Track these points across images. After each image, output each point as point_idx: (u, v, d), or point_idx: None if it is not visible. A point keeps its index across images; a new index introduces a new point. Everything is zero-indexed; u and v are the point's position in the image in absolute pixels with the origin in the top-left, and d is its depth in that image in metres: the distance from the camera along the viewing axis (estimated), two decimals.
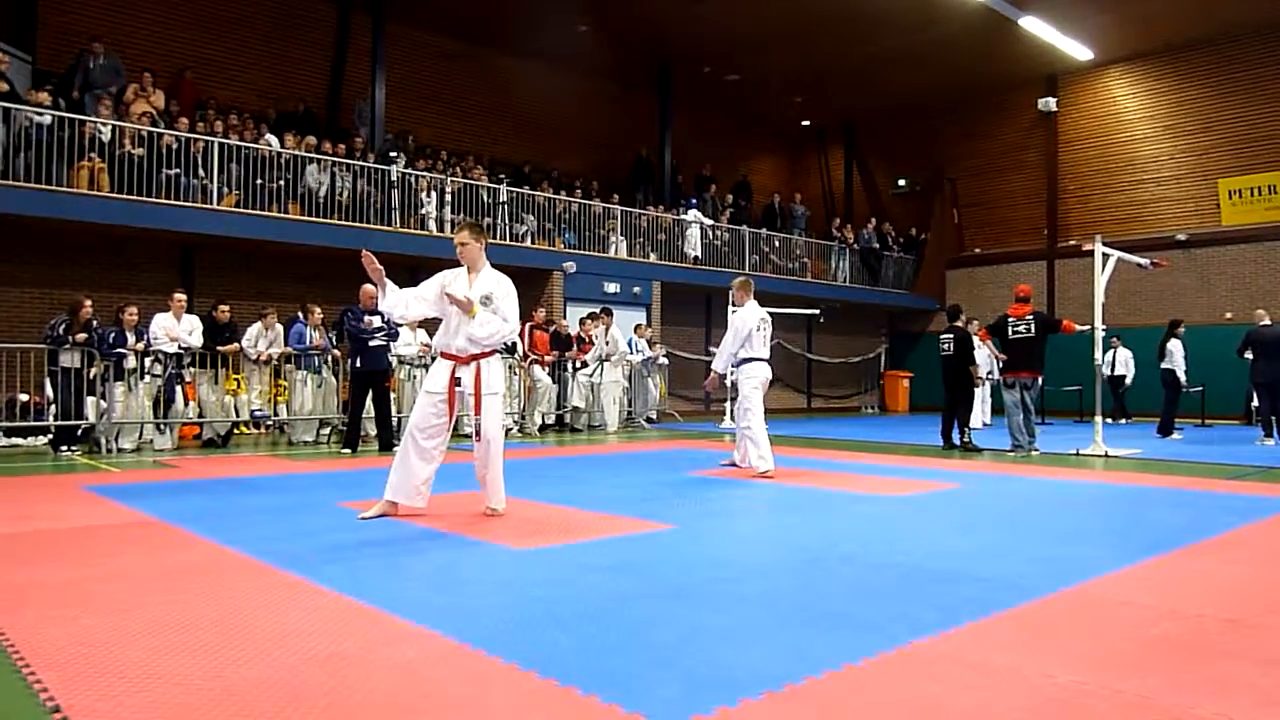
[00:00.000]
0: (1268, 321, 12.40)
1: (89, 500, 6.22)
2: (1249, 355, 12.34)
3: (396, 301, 5.43)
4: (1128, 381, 16.67)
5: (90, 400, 9.88)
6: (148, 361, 10.15)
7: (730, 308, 8.55)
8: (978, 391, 13.52)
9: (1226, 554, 4.59)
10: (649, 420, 15.47)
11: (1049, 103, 20.68)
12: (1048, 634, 3.10)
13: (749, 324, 8.24)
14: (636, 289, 16.89)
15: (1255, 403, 13.38)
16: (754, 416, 8.14)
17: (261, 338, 11.10)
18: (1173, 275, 17.79)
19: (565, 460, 9.74)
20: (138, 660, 2.69)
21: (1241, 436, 13.29)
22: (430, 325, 6.07)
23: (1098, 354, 10.73)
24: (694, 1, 16.41)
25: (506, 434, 8.37)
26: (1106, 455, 9.96)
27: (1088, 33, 18.06)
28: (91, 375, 9.81)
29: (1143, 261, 11.69)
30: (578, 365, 13.96)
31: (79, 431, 10.05)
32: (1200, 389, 15.46)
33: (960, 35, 17.99)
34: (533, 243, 15.76)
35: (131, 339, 10.05)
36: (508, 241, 15.01)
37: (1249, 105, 18.25)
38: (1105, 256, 10.68)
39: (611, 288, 16.43)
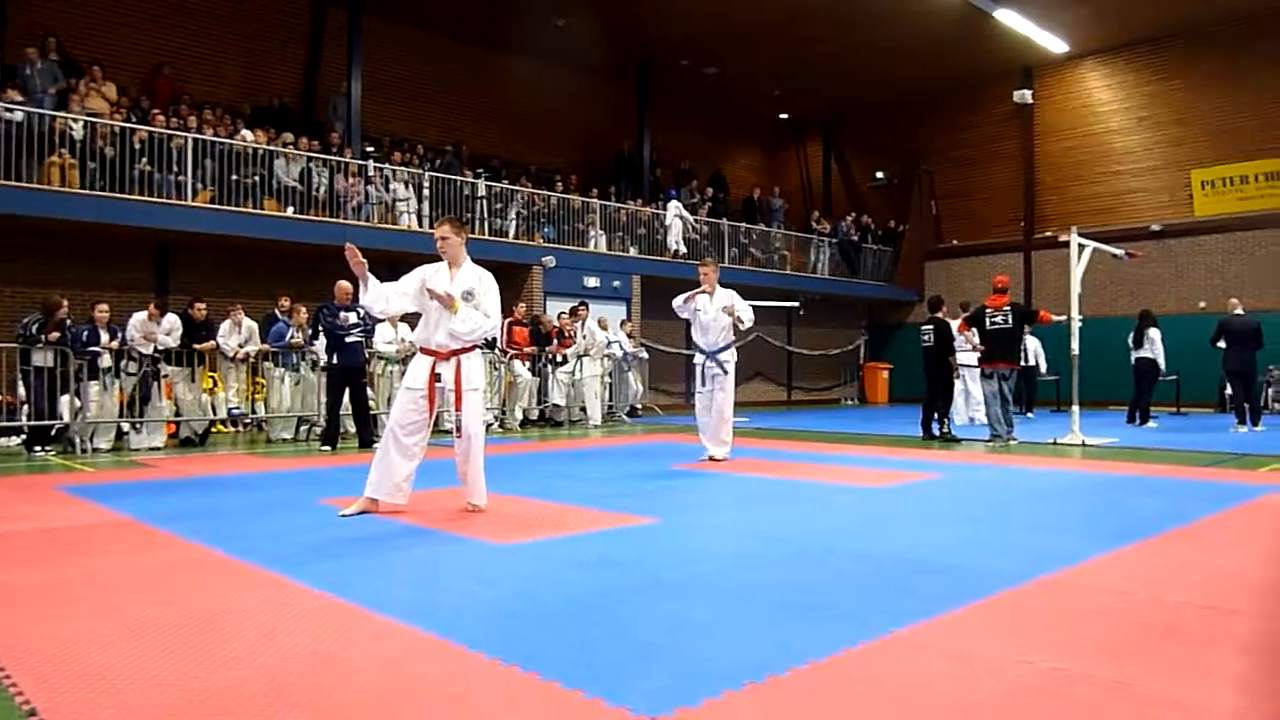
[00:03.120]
0: (1240, 311, 12.54)
1: (64, 501, 6.15)
2: (1221, 344, 12.48)
3: (377, 296, 5.39)
4: (1043, 371, 16.46)
5: (64, 399, 9.76)
6: (123, 361, 10.04)
7: (707, 291, 8.43)
8: (973, 385, 13.47)
9: (1203, 540, 4.65)
10: (629, 414, 15.47)
11: (1025, 95, 20.83)
12: (1027, 621, 3.13)
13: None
14: (616, 283, 16.88)
15: (1229, 391, 13.52)
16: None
17: (233, 334, 11.01)
18: (1147, 265, 17.97)
19: (546, 455, 9.73)
20: (116, 662, 2.67)
21: (1215, 424, 13.45)
22: (413, 319, 6.04)
23: (1074, 344, 10.81)
24: None
25: (487, 429, 8.34)
26: (1084, 444, 10.05)
27: (1062, 25, 18.19)
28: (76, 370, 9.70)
29: (1118, 252, 11.79)
30: (559, 360, 13.94)
31: (53, 431, 9.94)
32: (1175, 377, 15.63)
33: (937, 28, 18.07)
34: (515, 237, 15.72)
35: (105, 337, 9.94)
36: (487, 236, 14.95)
37: (1221, 97, 18.44)
38: (1081, 247, 10.76)
39: (591, 282, 16.41)
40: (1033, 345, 15.58)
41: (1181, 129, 19.02)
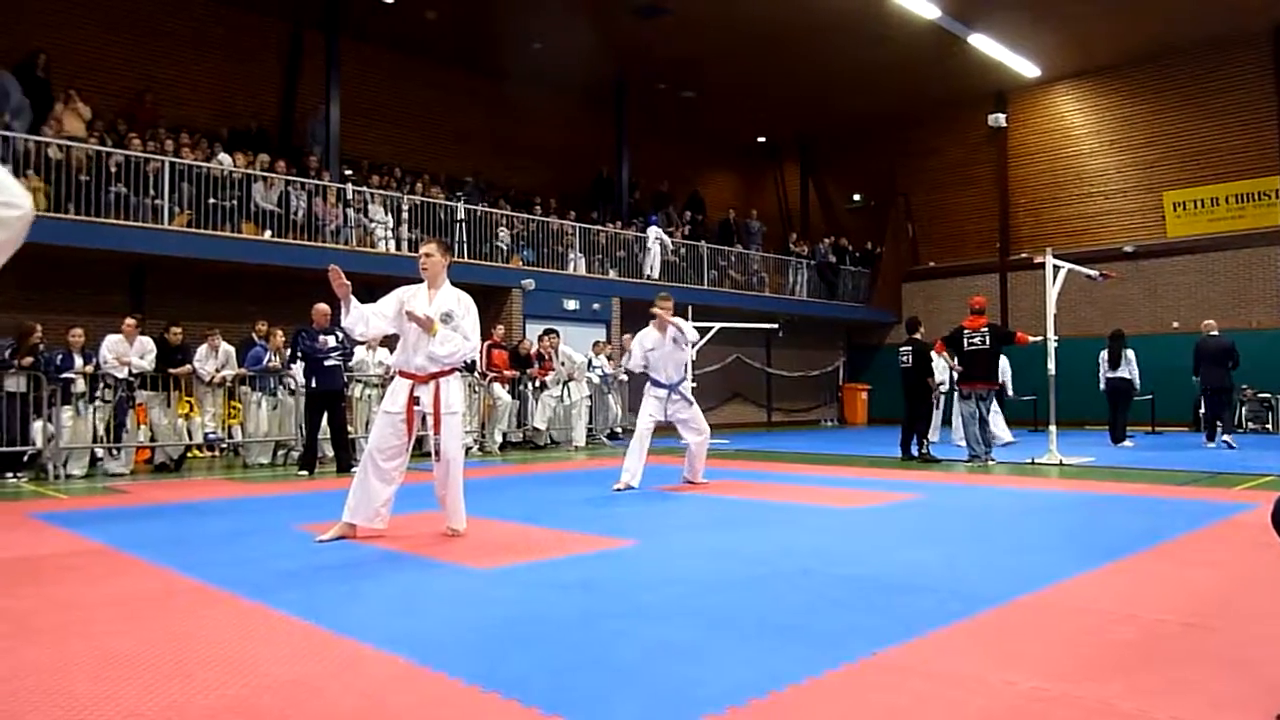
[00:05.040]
0: (1215, 332, 12.76)
1: (36, 528, 6.06)
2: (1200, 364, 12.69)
3: (358, 319, 5.37)
4: (1010, 393, 16.17)
5: (37, 425, 9.63)
6: (98, 386, 9.92)
7: (668, 325, 8.25)
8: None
9: (1181, 558, 4.68)
10: (610, 437, 15.43)
11: (999, 118, 21.08)
12: (1008, 641, 3.13)
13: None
14: (596, 306, 16.88)
15: (1203, 410, 13.70)
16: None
17: (210, 359, 10.92)
18: (1121, 286, 18.18)
19: (526, 479, 9.68)
20: (86, 692, 2.61)
21: (1190, 443, 13.57)
22: (393, 343, 6.01)
23: (1050, 365, 10.90)
24: (647, 19, 16.52)
25: (466, 453, 8.29)
26: (1061, 464, 10.10)
27: (1034, 50, 18.47)
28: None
29: (1092, 273, 11.92)
30: (539, 384, 13.89)
31: (25, 458, 9.78)
32: (1150, 397, 15.78)
33: (911, 53, 18.29)
34: (506, 258, 15.71)
35: (79, 361, 9.82)
36: (466, 259, 14.93)
37: (1191, 120, 18.76)
38: (1056, 269, 10.87)
39: (571, 304, 16.40)
40: (1003, 365, 15.22)
41: (1153, 151, 19.31)
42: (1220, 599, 3.77)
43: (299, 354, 10.44)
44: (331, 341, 9.97)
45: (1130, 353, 13.68)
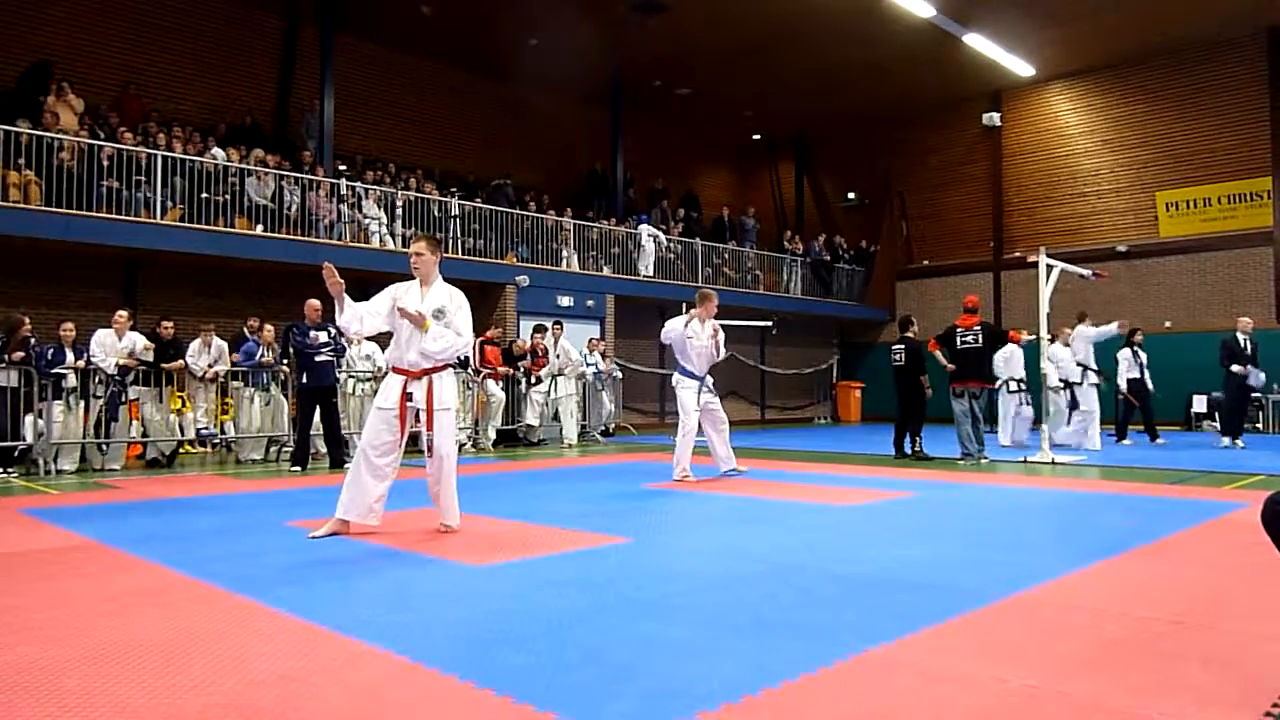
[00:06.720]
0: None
1: (26, 523, 6.03)
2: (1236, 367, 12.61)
3: (352, 317, 5.36)
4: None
5: (28, 420, 9.59)
6: (90, 382, 9.87)
7: (701, 317, 8.74)
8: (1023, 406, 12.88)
9: (1171, 557, 4.70)
10: (603, 434, 15.43)
11: (993, 118, 21.13)
12: (1000, 639, 3.14)
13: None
14: (590, 302, 16.87)
15: (1194, 409, 13.76)
16: None
17: (203, 354, 10.89)
18: (1114, 285, 18.22)
19: (520, 475, 9.67)
20: (78, 688, 2.61)
21: (1181, 442, 13.62)
22: (383, 340, 6.00)
23: (1043, 363, 10.93)
24: (645, 16, 16.50)
25: (460, 449, 8.31)
26: (1054, 462, 10.13)
27: (1029, 50, 18.51)
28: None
29: (1085, 273, 11.95)
30: (533, 380, 13.88)
31: (15, 453, 9.74)
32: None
33: (907, 51, 18.30)
34: (502, 256, 15.68)
35: (70, 357, 9.78)
36: (460, 255, 14.92)
37: (1184, 120, 18.81)
38: (1049, 268, 10.90)
39: (565, 301, 16.39)
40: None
41: (1146, 152, 19.36)
42: (1210, 597, 3.79)
43: (291, 349, 10.41)
44: (323, 337, 9.95)
45: (1120, 354, 13.72)
